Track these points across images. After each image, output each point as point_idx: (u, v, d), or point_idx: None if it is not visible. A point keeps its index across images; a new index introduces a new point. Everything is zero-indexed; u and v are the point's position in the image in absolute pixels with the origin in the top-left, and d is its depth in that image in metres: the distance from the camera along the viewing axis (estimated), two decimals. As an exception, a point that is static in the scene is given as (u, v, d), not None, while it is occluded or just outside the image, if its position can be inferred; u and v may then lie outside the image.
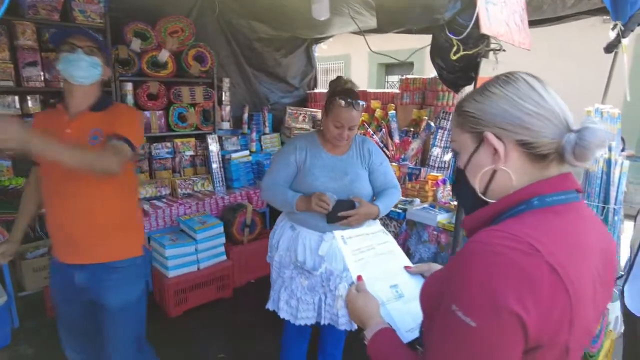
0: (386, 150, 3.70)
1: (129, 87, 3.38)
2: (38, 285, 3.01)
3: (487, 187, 0.78)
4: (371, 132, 3.84)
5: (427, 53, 2.34)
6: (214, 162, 3.85)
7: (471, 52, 1.82)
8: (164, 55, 3.40)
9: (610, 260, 0.77)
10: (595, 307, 0.71)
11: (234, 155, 3.95)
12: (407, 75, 3.94)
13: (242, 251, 3.47)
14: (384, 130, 3.77)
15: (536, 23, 2.98)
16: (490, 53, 2.01)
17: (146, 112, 3.46)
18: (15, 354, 2.57)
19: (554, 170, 0.73)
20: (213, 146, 3.85)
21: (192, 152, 3.84)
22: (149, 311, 1.87)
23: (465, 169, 0.81)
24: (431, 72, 2.84)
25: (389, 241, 1.26)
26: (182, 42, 3.50)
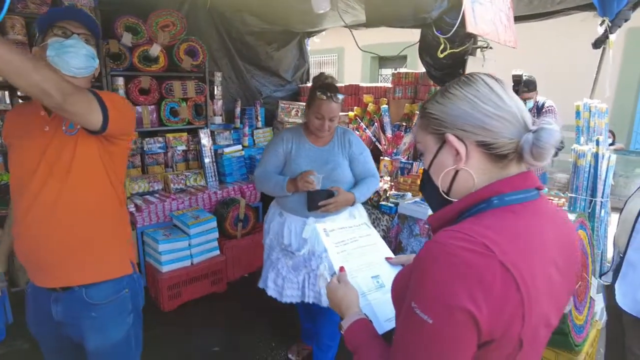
0: (378, 145, 3.72)
1: (120, 81, 3.36)
2: (31, 280, 3.02)
3: (450, 187, 0.80)
4: (364, 126, 3.86)
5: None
6: (207, 157, 3.85)
7: (458, 50, 1.85)
8: (156, 50, 3.38)
9: (572, 252, 0.81)
10: (552, 299, 0.74)
11: (227, 149, 3.95)
12: (399, 70, 3.95)
13: (235, 246, 3.49)
14: (376, 124, 3.78)
15: (526, 18, 3.01)
16: (478, 50, 2.03)
17: (138, 107, 3.45)
18: (11, 349, 2.58)
19: (513, 170, 0.76)
20: (205, 141, 3.85)
21: (184, 147, 3.83)
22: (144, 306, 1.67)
23: (429, 169, 0.84)
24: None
25: (372, 234, 1.29)
26: (173, 36, 3.48)
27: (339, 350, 2.35)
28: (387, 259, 1.18)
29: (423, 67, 2.79)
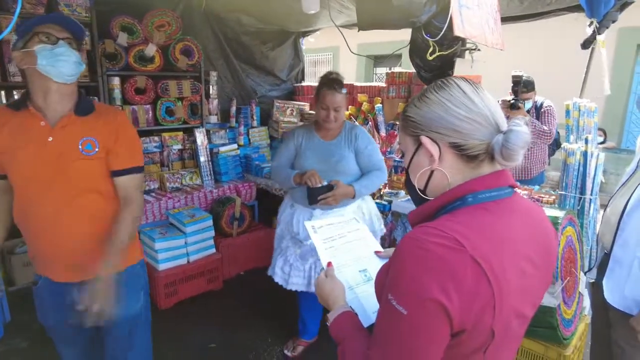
0: (373, 143, 3.76)
1: (116, 81, 3.37)
2: (28, 279, 3.02)
3: (426, 186, 0.85)
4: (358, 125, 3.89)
5: (413, 48, 2.41)
6: (202, 156, 3.87)
7: (447, 52, 1.89)
8: (151, 50, 3.40)
9: (548, 247, 0.85)
10: (526, 292, 0.78)
11: (222, 148, 3.98)
12: (393, 69, 3.98)
13: (231, 244, 3.52)
14: (370, 123, 3.82)
15: (518, 18, 3.05)
16: (467, 52, 2.08)
17: (134, 107, 3.47)
18: (9, 347, 2.59)
19: (486, 169, 0.80)
20: (201, 140, 3.87)
21: (180, 146, 3.85)
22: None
23: (408, 168, 0.88)
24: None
25: (360, 228, 1.33)
26: (169, 36, 3.50)
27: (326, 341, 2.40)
28: (376, 252, 1.22)
29: (415, 68, 2.85)
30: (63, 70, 1.36)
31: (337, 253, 1.19)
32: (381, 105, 3.82)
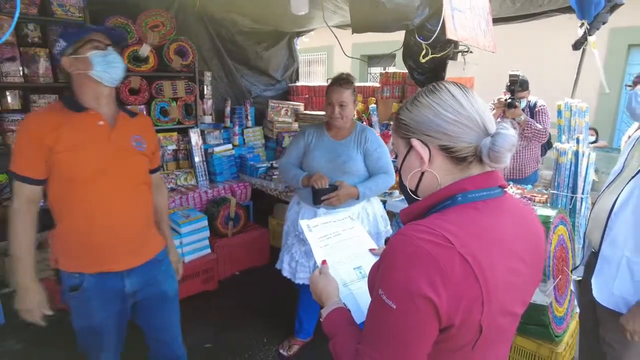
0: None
1: (110, 81, 3.36)
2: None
3: (417, 186, 0.87)
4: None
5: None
6: (197, 156, 3.87)
7: (439, 55, 1.91)
8: (145, 50, 3.39)
9: (538, 246, 0.87)
10: (516, 290, 0.81)
11: (217, 149, 3.98)
12: (387, 69, 4.00)
13: (226, 244, 3.53)
14: (364, 123, 3.84)
15: (510, 19, 3.08)
16: (459, 54, 2.10)
17: (128, 107, 3.45)
18: (4, 350, 2.58)
19: (475, 170, 0.82)
20: (195, 140, 3.87)
21: (174, 147, 3.85)
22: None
23: (400, 169, 0.91)
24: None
25: (355, 227, 1.35)
26: (163, 36, 3.49)
27: (321, 340, 2.41)
28: (371, 250, 1.24)
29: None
30: (114, 76, 1.51)
31: (332, 251, 1.21)
32: (375, 105, 3.84)
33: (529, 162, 3.58)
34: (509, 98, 3.25)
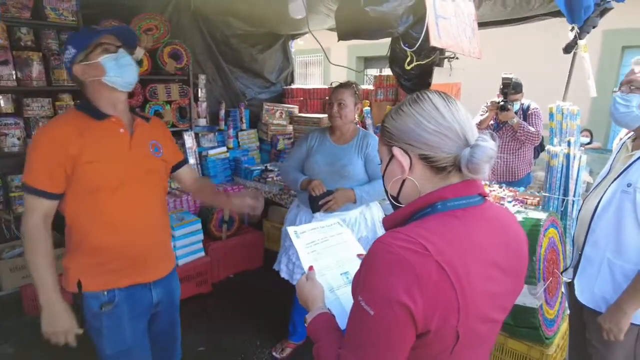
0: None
1: (103, 85, 3.36)
2: (15, 285, 3.00)
3: (398, 193, 0.89)
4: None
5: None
6: (191, 159, 3.87)
7: (424, 62, 1.93)
8: (139, 53, 3.38)
9: (518, 254, 0.88)
10: (494, 297, 0.81)
11: (211, 152, 3.98)
12: (381, 72, 4.01)
13: (220, 247, 3.53)
14: (358, 126, 3.84)
15: (501, 23, 3.09)
16: (445, 61, 2.12)
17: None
18: (-5, 353, 2.58)
19: (455, 179, 0.83)
20: (190, 143, 3.87)
21: (169, 149, 3.84)
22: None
23: (383, 176, 0.92)
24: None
25: (344, 232, 1.35)
26: (157, 39, 3.49)
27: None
28: (359, 255, 1.24)
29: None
30: (128, 79, 1.44)
31: (319, 257, 1.21)
32: (369, 108, 3.85)
33: (522, 165, 3.59)
34: (502, 101, 3.27)
